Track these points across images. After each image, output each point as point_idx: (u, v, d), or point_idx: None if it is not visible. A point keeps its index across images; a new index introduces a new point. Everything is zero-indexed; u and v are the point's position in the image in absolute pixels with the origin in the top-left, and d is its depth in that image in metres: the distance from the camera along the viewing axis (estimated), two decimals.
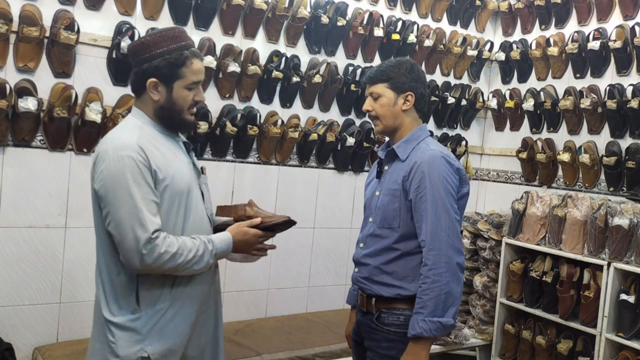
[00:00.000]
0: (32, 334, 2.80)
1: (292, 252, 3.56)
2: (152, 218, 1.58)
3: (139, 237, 1.55)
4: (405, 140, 1.98)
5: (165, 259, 1.58)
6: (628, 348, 2.90)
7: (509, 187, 4.14)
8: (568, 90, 3.65)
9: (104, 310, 1.67)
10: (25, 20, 2.61)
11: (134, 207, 1.56)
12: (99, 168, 1.62)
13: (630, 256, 2.93)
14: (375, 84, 1.99)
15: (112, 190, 1.58)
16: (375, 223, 1.99)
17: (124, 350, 1.64)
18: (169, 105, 1.70)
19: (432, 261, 1.83)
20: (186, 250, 1.62)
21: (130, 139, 1.63)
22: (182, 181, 1.69)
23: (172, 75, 1.67)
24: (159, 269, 1.60)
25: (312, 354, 3.02)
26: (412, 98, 1.97)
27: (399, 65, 1.99)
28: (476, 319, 3.72)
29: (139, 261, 1.57)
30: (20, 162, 2.71)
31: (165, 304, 1.67)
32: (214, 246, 1.69)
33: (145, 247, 1.56)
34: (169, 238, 1.61)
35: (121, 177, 1.57)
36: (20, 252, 2.74)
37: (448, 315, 1.81)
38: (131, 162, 1.58)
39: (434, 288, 1.81)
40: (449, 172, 1.89)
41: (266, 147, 3.37)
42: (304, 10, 3.30)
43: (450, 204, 1.86)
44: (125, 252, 1.58)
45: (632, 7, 3.41)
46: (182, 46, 1.69)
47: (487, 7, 4.13)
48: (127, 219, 1.56)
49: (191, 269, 1.65)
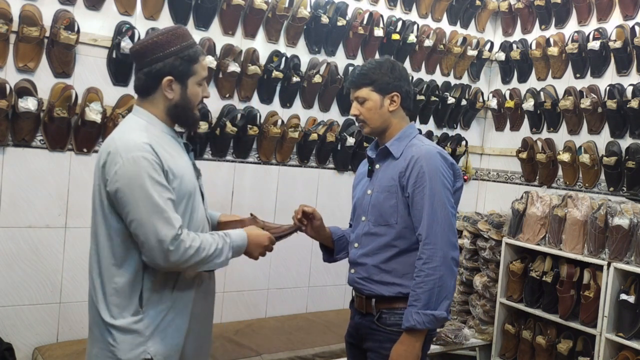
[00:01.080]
0: (32, 334, 2.80)
1: (292, 252, 3.56)
2: (175, 215, 1.60)
3: (165, 234, 1.56)
4: (397, 138, 1.98)
5: (190, 254, 1.60)
6: (628, 348, 2.90)
7: (509, 187, 4.14)
8: (568, 90, 3.65)
9: (103, 314, 1.65)
10: (25, 20, 2.61)
11: (156, 207, 1.57)
12: (111, 170, 1.60)
13: (630, 256, 2.93)
14: (360, 88, 1.97)
15: (130, 192, 1.57)
16: (370, 221, 1.98)
17: (126, 354, 1.62)
18: (184, 103, 1.71)
19: (427, 255, 1.83)
20: (207, 244, 1.64)
21: (139, 138, 1.62)
22: (189, 182, 1.70)
23: (187, 72, 1.68)
24: (184, 264, 1.61)
25: (312, 354, 3.02)
26: (398, 98, 1.96)
27: (380, 66, 1.97)
28: (476, 319, 3.72)
29: (165, 259, 1.57)
30: (20, 162, 2.71)
31: (167, 305, 1.67)
32: (232, 240, 1.72)
33: (171, 244, 1.57)
34: (192, 234, 1.63)
35: (139, 178, 1.57)
36: (20, 252, 2.74)
37: (441, 308, 1.82)
38: (146, 162, 1.58)
39: (428, 281, 1.81)
40: (444, 166, 1.90)
41: (266, 147, 3.37)
42: (304, 10, 3.30)
43: (446, 198, 1.87)
44: (150, 251, 1.58)
45: (632, 7, 3.41)
46: (192, 43, 1.71)
47: (487, 7, 4.14)
48: (150, 219, 1.56)
49: (212, 262, 1.66)
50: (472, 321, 3.73)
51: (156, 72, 1.67)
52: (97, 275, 1.68)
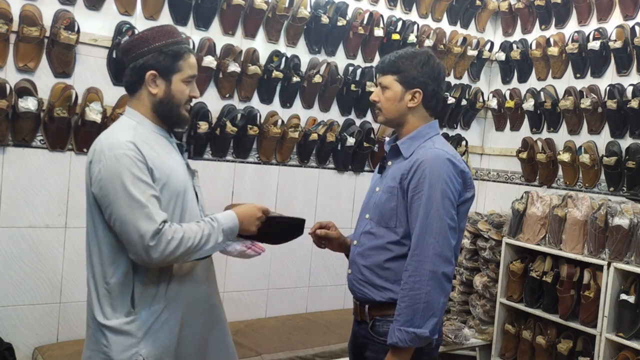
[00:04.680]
0: (32, 334, 2.80)
1: (292, 252, 3.56)
2: (157, 210, 1.58)
3: (147, 229, 1.54)
4: (411, 137, 1.85)
5: (174, 246, 1.57)
6: (628, 348, 2.90)
7: (509, 187, 4.14)
8: (568, 90, 3.65)
9: (97, 314, 1.65)
10: (26, 20, 2.61)
11: (136, 203, 1.56)
12: (95, 169, 1.61)
13: (630, 256, 2.93)
14: (385, 75, 1.85)
15: (112, 189, 1.57)
16: (373, 220, 1.86)
17: (118, 355, 1.62)
18: (168, 99, 1.70)
19: (414, 267, 1.70)
20: (192, 232, 1.62)
21: (124, 137, 1.62)
22: (178, 181, 1.69)
23: (171, 67, 1.68)
24: (170, 256, 1.58)
25: (312, 354, 3.02)
26: (420, 95, 1.82)
27: (413, 57, 1.82)
28: (476, 319, 3.72)
29: (148, 255, 1.56)
30: (20, 162, 2.71)
31: (160, 306, 1.66)
32: (219, 223, 1.68)
33: (152, 239, 1.55)
34: (175, 225, 1.61)
35: (120, 175, 1.57)
36: (20, 252, 2.74)
37: (426, 326, 1.67)
38: (128, 159, 1.58)
39: (413, 296, 1.68)
40: (451, 174, 1.74)
41: (266, 147, 3.37)
42: (304, 10, 3.30)
43: (445, 209, 1.71)
44: (133, 248, 1.57)
45: (632, 7, 3.41)
46: (179, 40, 1.71)
47: (487, 7, 4.14)
48: (131, 215, 1.55)
49: (202, 250, 1.64)
50: (472, 321, 3.74)
51: (140, 67, 1.68)
52: (92, 276, 1.68)
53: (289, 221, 1.89)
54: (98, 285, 1.66)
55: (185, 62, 1.70)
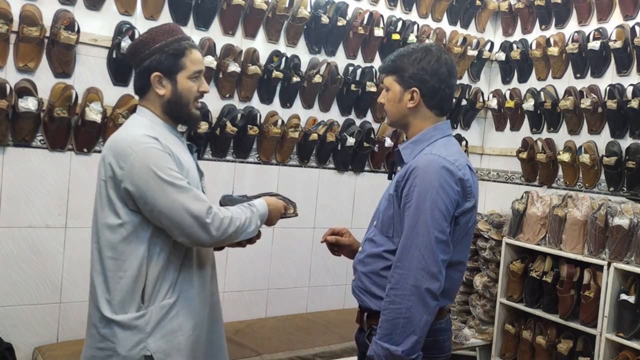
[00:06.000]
0: (32, 334, 2.80)
1: (292, 252, 3.56)
2: (200, 193, 1.64)
3: (199, 209, 1.59)
4: (414, 140, 1.74)
5: (227, 224, 1.64)
6: (628, 348, 2.90)
7: (509, 187, 4.14)
8: (568, 90, 3.65)
9: (104, 310, 1.65)
10: (26, 20, 2.61)
11: (179, 188, 1.60)
12: (124, 165, 1.61)
13: (630, 256, 2.93)
14: (387, 75, 1.77)
15: (149, 182, 1.59)
16: (377, 228, 1.79)
17: (125, 350, 1.63)
18: (176, 99, 1.72)
19: (396, 280, 1.60)
20: (237, 214, 1.69)
21: (145, 132, 1.65)
22: (194, 178, 1.73)
23: (174, 66, 1.69)
24: (224, 235, 1.64)
25: (312, 354, 3.02)
26: (418, 94, 1.71)
27: (410, 54, 1.72)
28: (476, 319, 3.73)
29: (207, 232, 1.61)
30: (20, 162, 2.71)
31: (170, 301, 1.68)
32: (257, 209, 1.76)
33: (207, 216, 1.60)
34: (218, 206, 1.68)
35: (153, 167, 1.59)
36: (20, 252, 2.74)
37: (405, 344, 1.56)
38: (157, 151, 1.61)
39: (393, 310, 1.58)
40: (446, 183, 1.61)
41: (266, 147, 3.37)
42: (304, 10, 3.30)
43: (433, 221, 1.58)
44: (187, 230, 1.60)
45: (632, 7, 3.41)
46: (179, 38, 1.72)
47: (487, 7, 4.14)
48: (178, 201, 1.58)
49: (245, 232, 1.70)
50: (472, 321, 3.74)
51: (144, 70, 1.70)
52: (99, 271, 1.68)
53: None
54: (109, 280, 1.66)
55: (187, 59, 1.71)
